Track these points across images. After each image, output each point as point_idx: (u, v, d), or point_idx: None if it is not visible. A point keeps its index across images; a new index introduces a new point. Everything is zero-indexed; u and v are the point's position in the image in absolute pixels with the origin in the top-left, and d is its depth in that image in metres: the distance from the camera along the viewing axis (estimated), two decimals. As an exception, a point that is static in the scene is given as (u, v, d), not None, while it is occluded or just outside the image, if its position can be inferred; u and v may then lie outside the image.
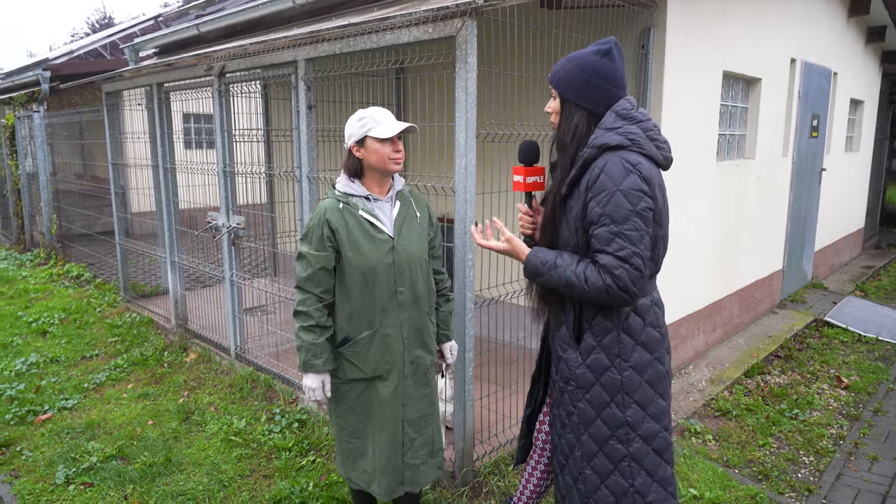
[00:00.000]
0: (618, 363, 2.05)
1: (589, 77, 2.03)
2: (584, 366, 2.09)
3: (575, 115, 2.08)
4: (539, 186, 2.31)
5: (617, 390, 2.06)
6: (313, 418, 3.96)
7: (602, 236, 1.93)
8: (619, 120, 2.02)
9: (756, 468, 3.62)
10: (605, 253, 1.93)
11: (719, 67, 4.72)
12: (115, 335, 5.66)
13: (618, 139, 1.97)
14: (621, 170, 1.93)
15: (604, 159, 1.97)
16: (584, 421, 2.11)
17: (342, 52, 3.43)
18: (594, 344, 2.07)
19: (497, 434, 3.54)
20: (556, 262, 2.04)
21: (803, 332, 5.88)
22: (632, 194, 1.91)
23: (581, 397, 2.11)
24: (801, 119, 6.36)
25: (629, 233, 1.91)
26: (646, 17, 4.01)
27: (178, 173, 5.42)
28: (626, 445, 2.07)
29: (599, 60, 2.03)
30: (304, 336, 2.42)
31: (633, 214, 1.91)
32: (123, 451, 3.72)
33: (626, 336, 2.06)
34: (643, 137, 2.00)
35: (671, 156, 2.09)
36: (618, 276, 1.90)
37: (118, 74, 5.57)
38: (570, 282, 1.99)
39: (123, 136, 6.25)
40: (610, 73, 2.04)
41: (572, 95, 2.07)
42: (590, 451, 2.11)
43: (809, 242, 7.19)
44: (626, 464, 2.07)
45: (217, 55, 4.32)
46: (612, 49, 2.04)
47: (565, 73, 2.08)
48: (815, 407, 4.40)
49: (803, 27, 6.13)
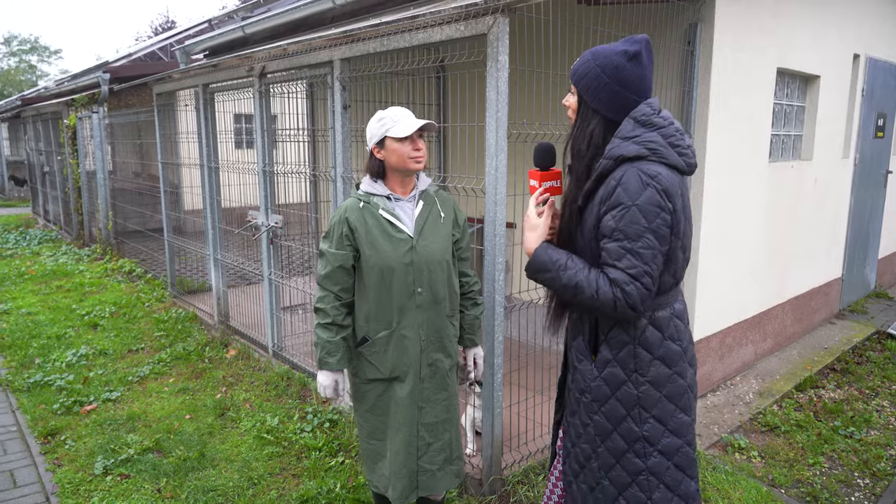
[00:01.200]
0: (634, 378, 1.96)
1: (611, 83, 1.90)
2: (600, 379, 2.00)
3: (591, 120, 1.97)
4: (557, 191, 2.19)
5: (633, 405, 1.96)
6: (344, 419, 3.95)
7: (613, 251, 1.85)
8: (637, 127, 1.89)
9: (805, 489, 3.41)
10: (614, 268, 1.84)
11: (773, 64, 4.49)
12: (161, 330, 5.81)
13: (636, 149, 1.86)
14: (639, 183, 1.82)
15: (621, 171, 1.86)
16: (601, 434, 2.03)
17: (376, 51, 3.41)
18: (610, 357, 1.98)
19: (527, 442, 3.45)
20: (566, 264, 1.95)
21: (863, 344, 5.54)
22: (648, 210, 1.81)
23: (597, 410, 2.02)
24: (865, 118, 6.00)
25: (642, 251, 1.82)
26: (693, 13, 3.84)
27: (225, 173, 5.53)
28: (644, 459, 1.98)
29: (626, 64, 1.89)
30: (320, 333, 2.43)
31: (647, 231, 1.81)
32: (160, 444, 3.80)
33: (642, 350, 1.96)
34: (663, 145, 1.88)
35: (695, 161, 1.96)
36: (628, 293, 1.82)
37: (167, 76, 5.73)
38: (580, 286, 1.89)
39: (178, 135, 6.43)
40: (635, 80, 1.90)
41: (591, 98, 1.95)
42: (607, 463, 2.04)
43: (873, 249, 6.79)
44: (644, 477, 1.98)
45: (258, 56, 4.38)
46: (641, 51, 1.90)
47: (587, 73, 1.94)
48: (874, 425, 4.13)
49: (869, 20, 5.78)
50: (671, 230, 1.86)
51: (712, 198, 4.06)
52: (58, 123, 10.49)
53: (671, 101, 3.97)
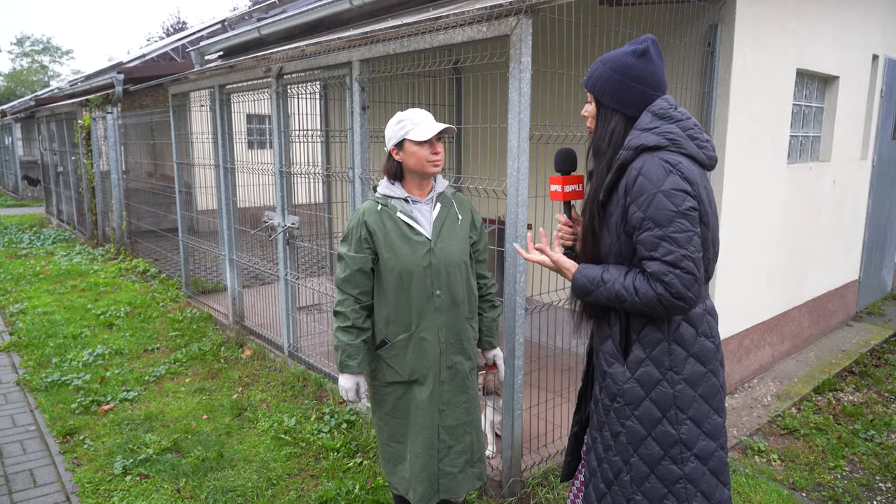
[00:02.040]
0: (669, 376, 1.91)
1: (624, 79, 1.92)
2: (633, 380, 1.95)
3: (611, 119, 1.97)
4: (578, 195, 2.19)
5: (669, 405, 1.91)
6: (362, 419, 3.96)
7: (648, 242, 1.81)
8: (656, 119, 1.90)
9: (826, 492, 3.38)
10: (652, 259, 1.80)
11: (792, 65, 4.46)
12: (176, 329, 5.84)
13: (655, 139, 1.86)
14: (661, 170, 1.81)
15: (641, 161, 1.85)
16: (634, 441, 1.96)
17: (395, 52, 3.41)
18: (643, 356, 1.93)
19: (547, 444, 3.44)
20: (603, 278, 1.92)
21: (881, 346, 5.50)
22: (674, 195, 1.78)
23: (630, 414, 1.96)
24: (884, 120, 5.95)
25: (676, 235, 1.77)
26: (713, 13, 3.82)
27: (240, 173, 5.55)
28: (681, 466, 1.92)
29: (635, 61, 1.92)
30: (340, 336, 2.43)
31: (677, 216, 1.78)
32: (178, 444, 3.81)
33: (677, 346, 1.92)
34: (683, 136, 1.88)
35: (714, 155, 1.95)
36: (669, 283, 1.77)
37: (183, 76, 5.75)
38: (621, 296, 1.87)
39: (191, 136, 6.45)
40: (647, 75, 1.92)
41: (608, 99, 1.96)
42: (640, 473, 1.96)
43: (890, 251, 6.73)
44: (682, 486, 1.92)
45: (275, 57, 4.38)
46: (648, 48, 1.92)
47: (600, 77, 1.97)
48: (894, 429, 4.09)
49: (888, 21, 5.73)
50: (700, 218, 1.83)
51: (731, 199, 4.04)
52: (72, 124, 10.56)
53: (691, 101, 3.95)
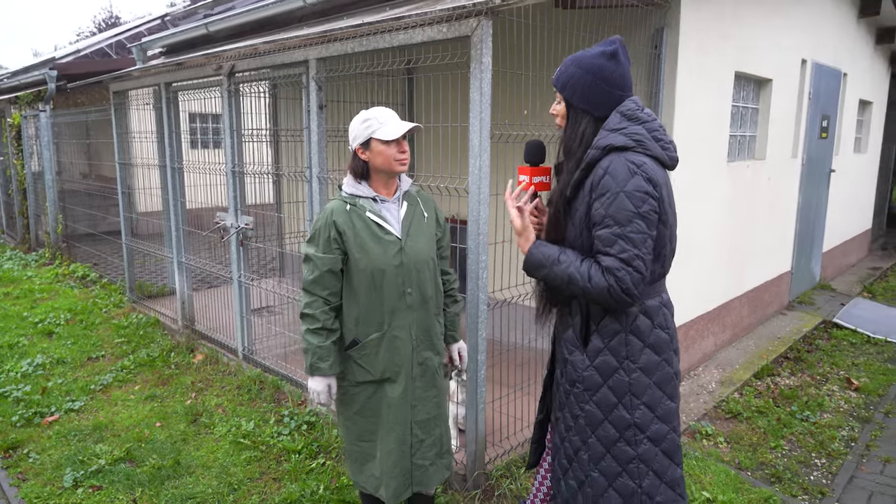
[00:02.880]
0: (626, 365, 2.03)
1: (595, 81, 2.00)
2: (592, 367, 2.06)
3: (582, 121, 2.06)
4: (546, 186, 2.27)
5: (625, 392, 2.04)
6: (322, 420, 3.94)
7: (605, 238, 1.92)
8: (624, 120, 2.00)
9: (768, 471, 3.59)
10: (607, 255, 1.92)
11: (731, 68, 4.69)
12: (122, 336, 5.64)
13: (623, 140, 1.95)
14: (626, 171, 1.91)
15: (608, 160, 1.95)
16: (591, 423, 2.09)
17: (354, 51, 3.41)
18: (601, 346, 2.05)
19: (509, 436, 3.51)
20: (559, 258, 2.02)
21: (812, 333, 5.85)
22: (635, 196, 1.89)
23: (588, 399, 2.08)
24: (811, 120, 6.32)
25: (632, 235, 1.89)
26: (659, 18, 3.98)
27: (187, 173, 5.41)
28: (634, 447, 2.05)
29: (605, 63, 2.00)
30: (310, 339, 2.40)
31: (636, 217, 1.89)
32: (132, 453, 3.70)
33: (634, 338, 2.04)
34: (648, 138, 1.99)
35: (677, 156, 2.07)
36: (620, 279, 1.89)
37: (127, 74, 5.56)
38: (573, 278, 1.97)
39: (132, 135, 6.24)
40: (617, 77, 2.01)
41: (578, 100, 2.05)
42: (597, 453, 2.09)
43: (818, 244, 7.15)
44: (635, 465, 2.05)
45: (227, 55, 4.30)
46: (617, 50, 2.01)
47: (570, 77, 2.05)
48: (826, 409, 4.37)
49: (814, 28, 6.09)
50: (659, 217, 1.95)
51: (678, 196, 4.20)
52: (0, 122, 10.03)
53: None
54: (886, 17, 7.60)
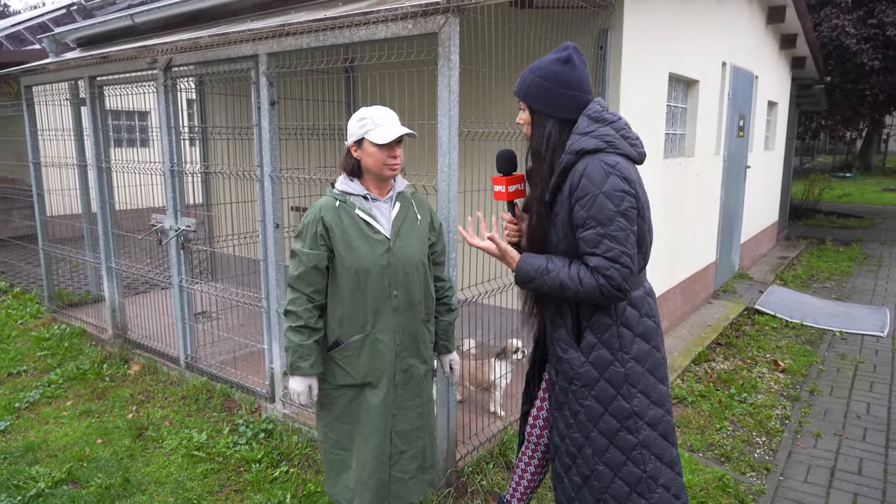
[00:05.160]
0: (620, 356, 2.11)
1: (553, 86, 2.09)
2: (588, 363, 2.13)
3: (546, 124, 2.13)
4: (521, 194, 2.33)
5: (622, 383, 2.11)
6: (280, 427, 3.81)
7: (590, 239, 1.99)
8: (592, 123, 2.07)
9: (717, 451, 3.79)
10: (594, 255, 1.99)
11: (666, 69, 4.91)
12: (44, 349, 5.23)
13: (594, 143, 2.03)
14: (602, 172, 1.98)
15: (583, 163, 2.02)
16: (593, 418, 2.14)
17: (309, 46, 3.31)
18: (595, 341, 2.12)
19: (477, 432, 3.53)
20: (548, 267, 2.09)
21: (738, 320, 6.23)
22: (614, 195, 1.97)
23: (587, 395, 2.14)
24: (731, 119, 6.72)
25: (615, 233, 1.97)
26: (604, 19, 4.11)
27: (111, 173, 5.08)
28: (636, 434, 2.12)
29: (561, 68, 2.09)
30: (291, 337, 2.34)
31: (617, 215, 1.97)
32: (74, 474, 3.44)
33: (625, 329, 2.12)
34: (617, 137, 2.06)
35: (644, 151, 2.16)
36: (610, 277, 1.97)
37: (41, 67, 5.15)
38: (564, 284, 2.04)
39: (43, 133, 5.79)
40: (573, 80, 2.09)
41: (540, 106, 2.13)
42: (600, 446, 2.14)
43: (737, 236, 7.63)
44: (638, 452, 2.13)
45: (163, 48, 4.07)
46: (571, 55, 2.09)
47: (530, 85, 2.13)
48: (759, 390, 4.67)
49: (731, 32, 6.48)
50: (638, 213, 2.03)
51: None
52: None
53: (585, 101, 4.22)
54: (790, 25, 8.20)
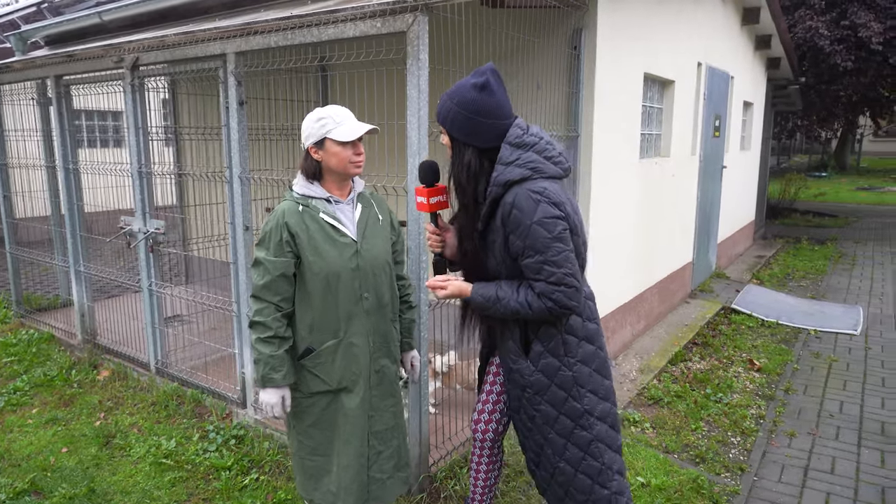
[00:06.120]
0: (566, 361, 2.18)
1: (471, 116, 2.05)
2: (538, 372, 2.20)
3: (465, 153, 2.11)
4: (444, 205, 2.28)
5: (571, 385, 2.19)
6: (252, 433, 3.74)
7: (531, 267, 2.04)
8: (514, 150, 2.06)
9: (692, 452, 3.79)
10: (537, 281, 2.04)
11: (641, 69, 4.91)
12: (11, 355, 5.09)
13: (519, 172, 2.03)
14: (531, 202, 2.00)
15: (511, 194, 2.03)
16: (548, 421, 2.23)
17: (277, 45, 3.25)
18: (542, 349, 2.19)
19: (451, 437, 3.49)
20: (497, 295, 2.13)
21: (714, 319, 6.26)
22: (546, 223, 1.99)
23: (540, 401, 2.22)
24: (707, 120, 6.76)
25: (554, 258, 2.01)
26: (577, 19, 4.10)
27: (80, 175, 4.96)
28: (590, 430, 2.21)
29: (477, 95, 2.04)
30: (261, 348, 2.28)
31: (553, 241, 2.00)
32: (37, 484, 3.35)
33: (569, 336, 2.19)
34: (542, 161, 2.06)
35: (569, 165, 2.17)
36: (556, 300, 2.03)
37: (6, 65, 5.02)
38: (516, 310, 2.10)
39: (6, 133, 5.66)
40: (492, 108, 2.05)
41: (458, 134, 2.10)
42: (558, 445, 2.23)
43: (713, 235, 7.67)
44: (594, 446, 2.22)
45: (130, 46, 3.98)
46: (488, 81, 2.04)
47: (448, 112, 2.08)
48: (735, 390, 4.69)
49: (707, 33, 6.52)
50: (571, 231, 2.06)
51: (597, 192, 4.36)
52: None
53: (559, 101, 4.20)
54: (764, 27, 8.27)
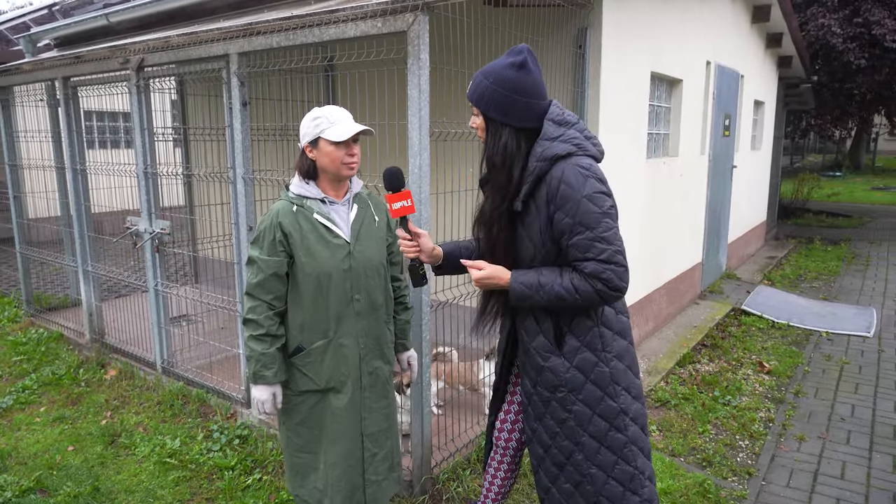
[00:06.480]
0: (603, 356, 2.07)
1: (508, 94, 1.98)
2: (573, 368, 2.07)
3: (502, 133, 2.04)
4: (410, 210, 2.19)
5: (608, 382, 2.07)
6: (256, 433, 3.75)
7: (581, 245, 1.94)
8: (558, 127, 2.02)
9: (699, 455, 3.75)
10: (587, 260, 1.94)
11: (648, 68, 4.87)
12: (21, 353, 5.14)
13: (565, 147, 1.98)
14: (579, 177, 1.94)
15: (559, 169, 1.96)
16: (581, 423, 2.09)
17: (280, 45, 3.25)
18: (578, 344, 2.06)
19: (454, 438, 3.47)
20: (539, 282, 2.01)
21: (724, 320, 6.19)
22: (596, 198, 1.93)
23: (575, 400, 2.09)
24: (716, 119, 6.69)
25: (604, 234, 1.93)
26: (582, 17, 4.06)
27: (90, 175, 5.00)
28: (624, 432, 2.09)
29: (516, 74, 1.98)
30: (253, 346, 2.29)
31: (603, 216, 1.93)
32: (42, 482, 3.37)
33: (605, 329, 2.08)
34: (583, 140, 2.03)
35: (603, 150, 2.13)
36: (607, 279, 1.92)
37: (16, 67, 5.07)
38: (560, 296, 1.97)
39: (17, 134, 5.72)
40: (529, 86, 1.99)
41: (495, 113, 2.02)
42: (592, 449, 2.10)
43: (724, 235, 7.60)
44: (628, 449, 2.10)
45: (135, 48, 4.00)
46: (526, 60, 1.99)
47: (484, 91, 2.01)
48: (744, 392, 4.63)
49: (716, 31, 6.45)
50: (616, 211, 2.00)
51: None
52: None
53: (564, 100, 4.17)
54: (775, 24, 8.18)
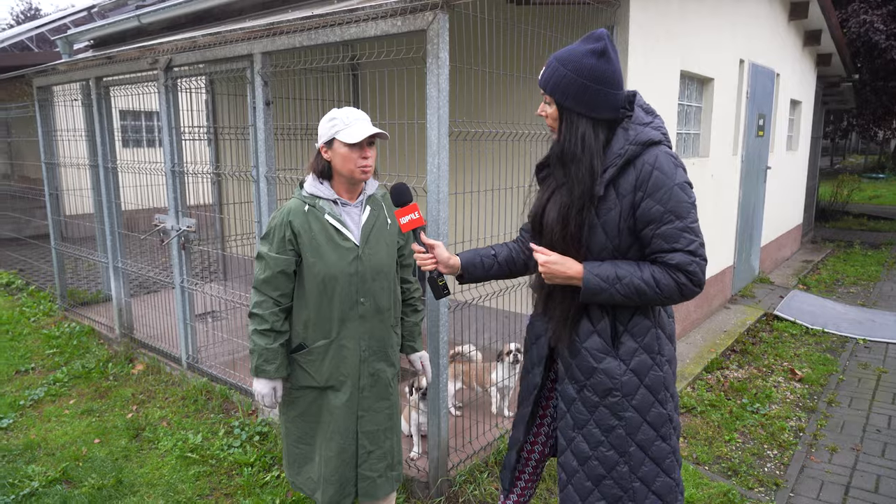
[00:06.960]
0: (657, 360, 1.97)
1: (588, 83, 1.84)
2: (630, 371, 1.95)
3: (579, 124, 1.90)
4: (420, 222, 2.14)
5: (660, 388, 1.97)
6: (275, 431, 3.77)
7: (669, 234, 1.83)
8: (647, 114, 1.94)
9: (725, 464, 3.65)
10: (675, 251, 1.83)
11: (677, 67, 4.77)
12: (53, 347, 5.28)
13: (656, 134, 1.89)
14: (671, 164, 1.85)
15: (651, 155, 1.86)
16: (632, 430, 1.95)
17: (302, 45, 3.26)
18: (636, 346, 1.95)
19: (471, 440, 3.44)
20: (617, 275, 1.87)
21: (755, 326, 6.03)
22: (686, 187, 1.86)
23: (628, 406, 1.95)
24: (750, 119, 6.52)
25: (693, 225, 1.85)
26: (609, 16, 3.99)
27: (121, 174, 5.11)
28: (668, 441, 1.99)
29: (597, 63, 1.84)
30: (257, 340, 2.32)
31: (692, 207, 1.85)
32: (68, 473, 3.45)
33: (660, 331, 1.99)
34: (666, 130, 1.96)
35: None
36: (692, 273, 1.83)
37: (52, 68, 5.20)
38: (640, 289, 1.85)
39: (57, 133, 5.86)
40: (609, 76, 1.85)
41: (572, 103, 1.88)
42: (638, 460, 1.97)
43: (756, 238, 7.41)
44: (670, 460, 1.99)
45: (163, 48, 4.07)
46: (606, 47, 1.86)
47: (560, 79, 1.87)
48: (774, 400, 4.50)
49: (750, 29, 6.29)
50: None
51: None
52: None
53: (590, 100, 4.10)
54: (813, 21, 7.94)
